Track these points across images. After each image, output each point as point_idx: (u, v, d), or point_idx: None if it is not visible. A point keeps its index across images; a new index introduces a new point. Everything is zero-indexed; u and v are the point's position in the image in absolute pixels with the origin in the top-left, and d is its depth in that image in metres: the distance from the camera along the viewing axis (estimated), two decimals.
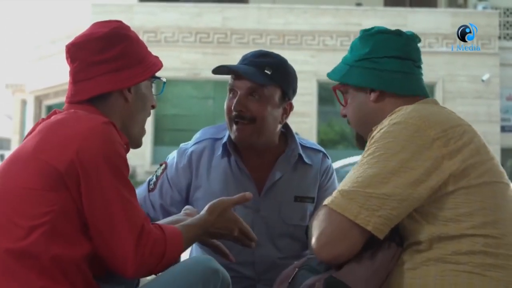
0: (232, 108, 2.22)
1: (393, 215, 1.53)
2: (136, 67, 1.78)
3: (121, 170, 1.61)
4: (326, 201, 1.58)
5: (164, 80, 1.93)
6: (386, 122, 1.65)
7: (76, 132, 1.60)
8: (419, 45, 1.87)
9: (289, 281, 1.72)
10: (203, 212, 1.82)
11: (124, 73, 1.75)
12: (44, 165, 1.58)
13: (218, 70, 2.25)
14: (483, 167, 1.58)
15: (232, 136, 2.26)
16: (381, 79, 1.77)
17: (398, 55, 1.78)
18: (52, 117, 1.74)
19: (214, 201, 1.86)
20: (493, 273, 1.52)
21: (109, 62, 1.74)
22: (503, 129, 15.34)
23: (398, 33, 1.81)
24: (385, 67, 1.77)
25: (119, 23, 1.81)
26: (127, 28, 1.82)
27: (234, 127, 2.23)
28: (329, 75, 1.89)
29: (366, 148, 1.63)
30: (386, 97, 1.77)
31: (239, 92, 2.23)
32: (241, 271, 2.28)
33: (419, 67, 1.83)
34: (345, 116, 1.88)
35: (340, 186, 1.59)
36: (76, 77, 1.76)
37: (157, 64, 1.85)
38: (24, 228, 1.55)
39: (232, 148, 2.30)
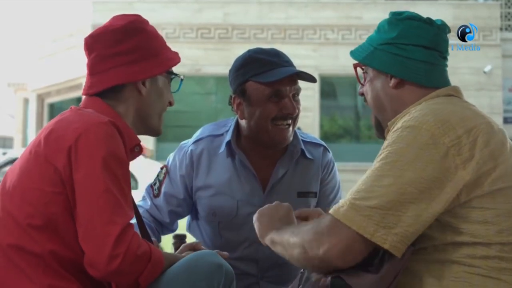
0: (289, 111, 2.20)
1: (410, 232, 1.48)
2: (150, 61, 1.78)
3: (113, 168, 1.59)
4: (336, 212, 1.52)
5: (182, 77, 1.91)
6: (399, 124, 1.60)
7: (73, 130, 1.61)
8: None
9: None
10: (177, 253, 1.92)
11: (138, 66, 1.76)
12: (44, 163, 1.59)
13: (278, 75, 2.18)
14: (497, 173, 1.53)
15: (275, 139, 2.23)
16: (403, 67, 1.72)
17: (425, 45, 1.73)
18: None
19: (189, 243, 2.01)
20: (509, 277, 1.49)
21: (124, 55, 1.75)
22: (506, 120, 15.29)
23: (429, 21, 1.75)
24: (410, 55, 1.72)
25: (136, 17, 1.82)
26: (144, 21, 1.82)
27: (279, 128, 2.22)
28: (352, 53, 1.85)
29: (379, 152, 1.58)
30: (406, 85, 1.73)
31: (286, 95, 2.22)
32: (244, 268, 2.28)
33: (445, 58, 1.79)
34: (362, 94, 1.85)
35: (352, 195, 1.52)
36: (93, 69, 1.77)
37: (173, 59, 1.85)
38: (22, 226, 1.56)
39: (236, 146, 2.29)
